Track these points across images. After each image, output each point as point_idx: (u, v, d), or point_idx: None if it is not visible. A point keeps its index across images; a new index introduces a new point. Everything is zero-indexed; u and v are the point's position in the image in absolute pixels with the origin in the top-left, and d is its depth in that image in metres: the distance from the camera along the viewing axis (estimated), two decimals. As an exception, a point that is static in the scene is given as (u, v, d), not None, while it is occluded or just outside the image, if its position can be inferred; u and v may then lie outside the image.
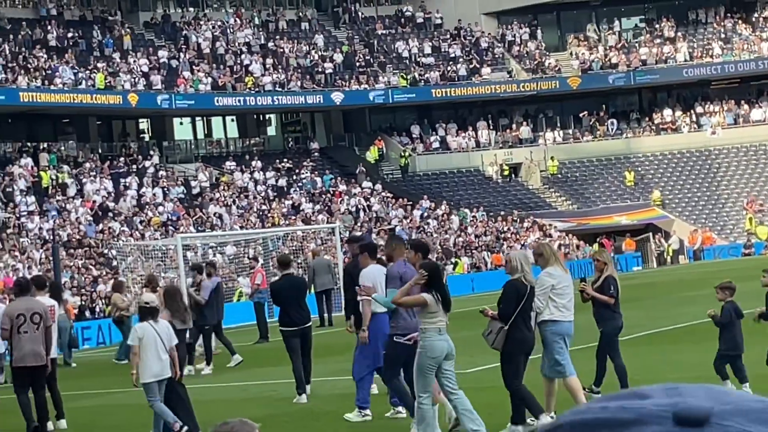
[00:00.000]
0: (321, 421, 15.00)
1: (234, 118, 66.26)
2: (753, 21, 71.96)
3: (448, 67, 68.03)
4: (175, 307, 16.57)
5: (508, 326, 12.58)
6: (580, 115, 70.48)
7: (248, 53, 64.85)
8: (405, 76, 66.62)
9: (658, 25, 72.94)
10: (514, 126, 69.71)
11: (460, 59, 69.05)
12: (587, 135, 69.85)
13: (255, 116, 67.14)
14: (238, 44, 65.36)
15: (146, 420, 14.49)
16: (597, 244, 55.52)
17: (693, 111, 70.43)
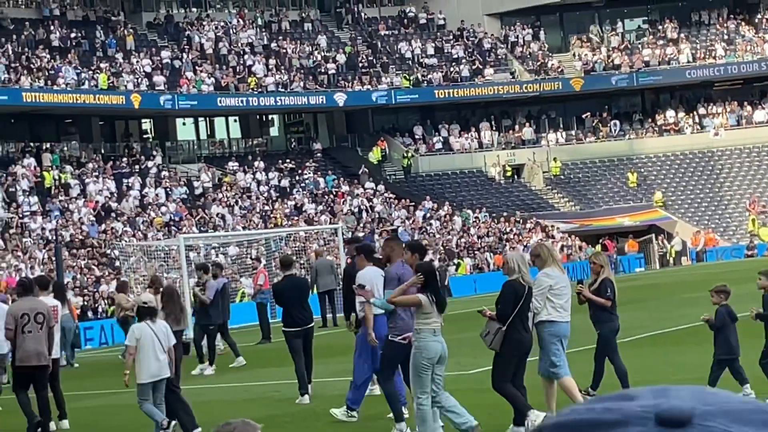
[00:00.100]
0: (323, 422, 15.01)
1: (237, 118, 66.27)
2: (756, 22, 71.92)
3: (451, 68, 68.01)
4: (171, 308, 16.58)
5: (506, 327, 12.62)
6: (583, 116, 70.44)
7: (251, 54, 64.84)
8: (408, 77, 66.61)
9: (661, 27, 72.91)
10: (517, 127, 69.69)
11: (463, 60, 69.05)
12: (590, 136, 69.84)
13: (258, 117, 67.15)
14: (241, 45, 65.36)
15: (148, 420, 14.50)
16: (600, 245, 55.58)
17: (696, 112, 70.41)
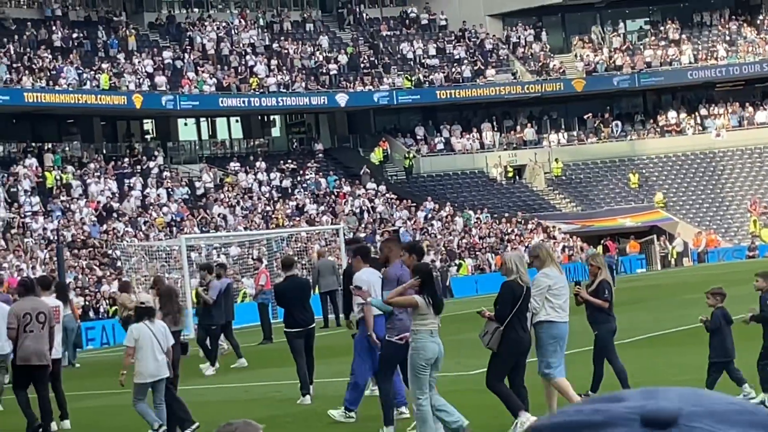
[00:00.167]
0: (324, 422, 15.01)
1: (238, 119, 66.29)
2: (758, 23, 71.90)
3: (453, 69, 68.00)
4: (169, 308, 16.61)
5: (504, 327, 12.64)
6: (585, 117, 70.44)
7: (253, 54, 64.84)
8: (409, 78, 66.61)
9: (662, 27, 72.89)
10: (519, 128, 69.68)
11: (465, 61, 69.04)
12: (591, 137, 69.83)
13: (259, 117, 67.16)
14: (242, 45, 65.36)
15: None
16: (601, 246, 55.56)
17: (697, 113, 70.40)
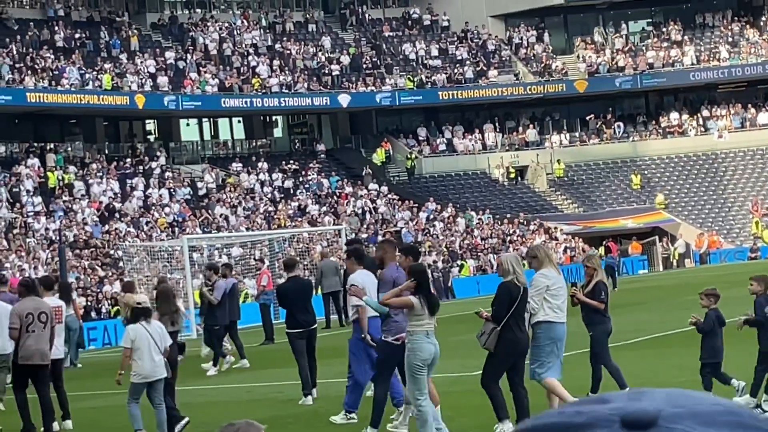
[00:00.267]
0: (326, 423, 15.03)
1: (240, 119, 66.30)
2: (760, 25, 71.88)
3: (455, 70, 68.01)
4: (166, 309, 16.59)
5: (501, 327, 12.66)
6: (587, 118, 70.43)
7: (255, 55, 64.87)
8: (412, 79, 66.62)
9: (665, 29, 72.88)
10: (521, 129, 69.68)
11: (467, 62, 69.05)
12: (594, 138, 69.82)
13: (261, 118, 67.18)
14: (245, 46, 65.38)
15: (151, 421, 14.52)
16: (603, 247, 55.56)
17: (700, 114, 70.38)
